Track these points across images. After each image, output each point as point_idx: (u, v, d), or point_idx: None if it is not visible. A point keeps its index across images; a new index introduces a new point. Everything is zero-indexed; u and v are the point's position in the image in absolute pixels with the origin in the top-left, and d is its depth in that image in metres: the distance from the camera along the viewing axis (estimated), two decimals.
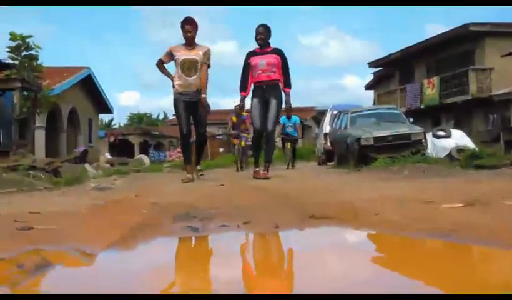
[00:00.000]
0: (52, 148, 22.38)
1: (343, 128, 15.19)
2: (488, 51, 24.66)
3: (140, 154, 34.57)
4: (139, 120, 57.41)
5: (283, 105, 8.15)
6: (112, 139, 35.40)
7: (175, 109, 7.46)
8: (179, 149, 35.69)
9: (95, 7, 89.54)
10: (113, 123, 60.02)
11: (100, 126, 38.92)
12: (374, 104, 34.89)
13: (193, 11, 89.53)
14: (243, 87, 7.83)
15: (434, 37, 27.21)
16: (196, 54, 7.26)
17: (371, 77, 37.59)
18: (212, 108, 7.94)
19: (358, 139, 13.28)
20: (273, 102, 7.59)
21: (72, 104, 25.05)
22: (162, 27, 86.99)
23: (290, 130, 16.20)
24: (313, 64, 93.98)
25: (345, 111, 16.01)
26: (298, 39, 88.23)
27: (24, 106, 14.38)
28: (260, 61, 7.58)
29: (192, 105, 7.32)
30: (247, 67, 7.72)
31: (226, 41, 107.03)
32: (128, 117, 61.50)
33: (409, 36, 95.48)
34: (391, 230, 2.33)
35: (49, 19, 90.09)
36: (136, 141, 37.12)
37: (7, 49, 15.91)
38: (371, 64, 34.10)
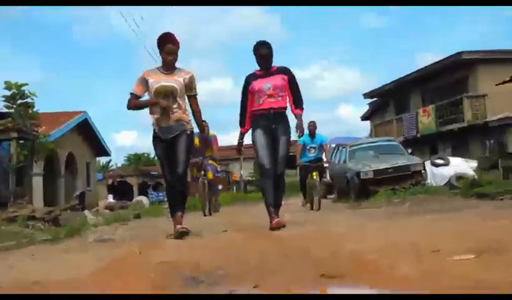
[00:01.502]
0: (50, 194, 22.27)
1: (342, 162, 15.21)
2: (481, 78, 24.86)
3: (139, 194, 34.50)
4: (137, 160, 57.31)
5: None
6: (110, 181, 35.35)
7: (155, 152, 6.16)
8: None
9: (92, 47, 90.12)
10: (110, 164, 59.90)
11: (98, 168, 38.83)
12: (371, 134, 35.04)
13: (195, 49, 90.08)
14: (243, 122, 6.49)
15: (428, 66, 27.48)
16: (175, 81, 5.74)
17: (367, 107, 37.86)
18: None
19: (358, 173, 13.32)
20: (283, 140, 6.28)
21: (69, 148, 25.03)
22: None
23: (312, 154, 11.83)
24: (307, 97, 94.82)
25: (343, 145, 16.07)
26: (295, 73, 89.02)
27: (20, 155, 14.35)
28: (265, 84, 6.23)
29: (171, 142, 5.79)
30: (247, 95, 6.37)
31: (220, 78, 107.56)
32: (125, 158, 61.42)
33: (400, 63, 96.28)
34: (408, 289, 2.26)
35: (45, 62, 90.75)
36: (135, 182, 37.08)
37: (2, 98, 15.97)
38: (366, 95, 34.31)
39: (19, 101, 16.08)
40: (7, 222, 10.50)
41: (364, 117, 39.97)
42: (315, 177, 11.42)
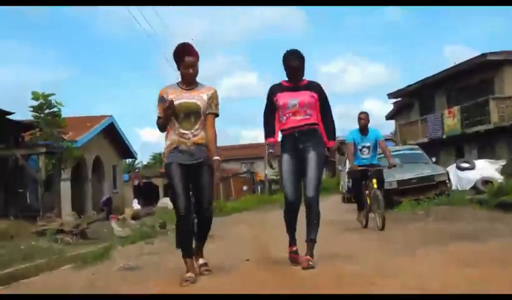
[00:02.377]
0: (78, 198, 22.68)
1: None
2: (507, 79, 24.57)
3: (164, 196, 34.84)
4: (162, 160, 57.91)
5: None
6: (136, 182, 35.71)
7: (167, 176, 5.15)
8: None
9: (114, 47, 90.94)
10: (136, 163, 60.50)
11: (124, 167, 39.28)
12: (395, 134, 34.87)
13: (212, 42, 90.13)
14: (270, 131, 5.61)
15: (453, 67, 27.24)
16: (198, 98, 5.14)
17: (392, 104, 37.65)
18: (233, 142, 5.57)
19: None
20: (312, 156, 5.38)
21: (96, 152, 25.40)
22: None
23: (366, 156, 9.44)
24: (333, 91, 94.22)
25: None
26: (318, 67, 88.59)
27: (48, 165, 14.72)
28: (290, 100, 5.43)
29: (191, 169, 5.07)
30: (271, 107, 5.58)
31: (245, 73, 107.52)
32: (151, 156, 61.95)
33: (428, 57, 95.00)
34: None
35: (68, 61, 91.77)
36: (160, 183, 37.34)
37: (30, 108, 16.37)
38: (391, 95, 34.10)
39: (46, 110, 16.48)
40: (37, 236, 10.83)
41: (389, 117, 39.77)
42: (375, 187, 8.85)
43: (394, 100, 35.80)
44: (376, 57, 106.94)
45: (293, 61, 5.45)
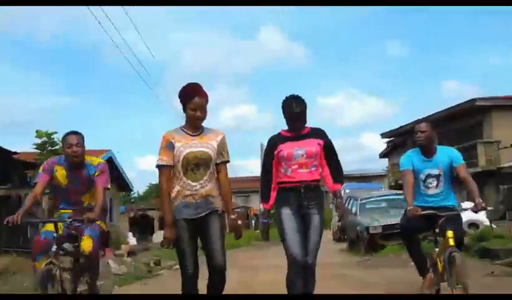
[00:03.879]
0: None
1: (353, 213, 15.85)
2: (495, 124, 25.47)
3: (159, 228, 35.38)
4: (158, 191, 58.44)
5: (333, 210, 5.72)
6: (131, 214, 36.28)
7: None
8: None
9: (116, 72, 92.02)
10: (132, 192, 61.01)
11: (120, 197, 39.78)
12: (388, 173, 35.64)
13: (215, 74, 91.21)
14: (266, 195, 5.13)
15: (444, 110, 28.13)
16: (207, 145, 4.66)
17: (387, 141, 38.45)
18: (228, 175, 4.85)
19: (367, 228, 13.94)
20: (316, 220, 5.01)
21: None
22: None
23: (435, 192, 5.90)
24: (332, 124, 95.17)
25: (355, 197, 16.71)
26: (317, 100, 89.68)
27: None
28: (295, 151, 4.99)
29: (198, 221, 4.61)
30: (271, 161, 5.10)
31: (244, 104, 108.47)
32: (147, 187, 62.46)
33: (426, 91, 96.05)
34: None
35: (69, 89, 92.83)
36: (155, 215, 37.92)
37: (34, 146, 17.06)
38: (384, 135, 35.01)
39: (49, 148, 17.16)
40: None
41: (383, 155, 40.60)
42: (451, 244, 5.31)
43: (388, 139, 36.68)
44: (376, 92, 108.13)
45: (295, 107, 4.99)
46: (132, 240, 23.48)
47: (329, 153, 5.13)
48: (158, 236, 30.47)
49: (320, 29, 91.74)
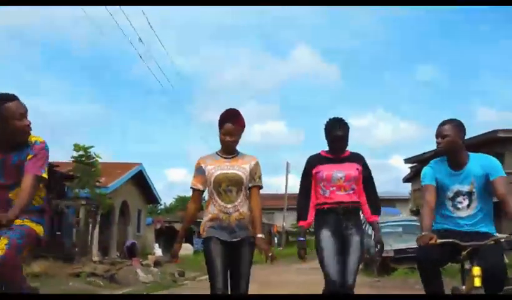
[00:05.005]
0: (103, 239, 24.30)
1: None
2: None
3: (184, 241, 36.44)
4: (184, 203, 59.64)
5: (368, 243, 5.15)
6: (158, 226, 37.24)
7: (205, 252, 4.75)
8: None
9: (147, 88, 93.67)
10: (159, 204, 62.26)
11: (147, 210, 41.03)
12: (410, 198, 36.17)
13: (241, 94, 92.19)
14: (303, 213, 5.13)
15: (466, 139, 28.53)
16: (239, 168, 4.78)
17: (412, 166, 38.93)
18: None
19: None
20: (355, 241, 4.98)
21: (124, 197, 27.13)
22: (211, 108, 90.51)
23: (466, 214, 4.50)
24: (362, 144, 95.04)
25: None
26: (348, 120, 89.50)
27: (87, 217, 16.75)
28: (335, 173, 5.01)
29: (231, 247, 4.71)
30: (310, 180, 5.14)
31: (273, 120, 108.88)
32: (175, 198, 63.61)
33: (458, 116, 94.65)
34: None
35: (98, 99, 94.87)
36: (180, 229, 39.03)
37: (72, 158, 18.35)
38: (407, 161, 35.49)
39: (86, 161, 18.41)
40: (72, 277, 12.48)
41: (406, 179, 41.05)
42: (476, 284, 4.02)
43: (411, 165, 37.18)
44: (407, 115, 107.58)
45: (339, 130, 5.01)
46: (158, 251, 24.50)
47: (367, 179, 5.16)
48: (183, 248, 31.53)
49: (352, 49, 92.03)
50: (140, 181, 29.34)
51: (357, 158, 5.18)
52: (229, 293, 4.65)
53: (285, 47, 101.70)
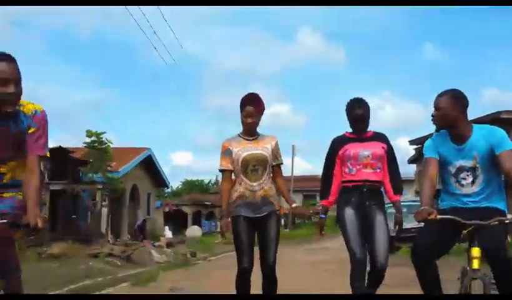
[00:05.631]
0: (115, 222, 24.93)
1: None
2: None
3: (193, 224, 37.21)
4: (191, 187, 60.30)
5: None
6: (167, 209, 37.97)
7: (233, 229, 5.01)
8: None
9: (154, 72, 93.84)
10: (166, 188, 62.88)
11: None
12: (415, 179, 36.54)
13: (255, 77, 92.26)
14: (325, 192, 5.19)
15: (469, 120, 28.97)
16: (264, 149, 5.06)
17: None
18: None
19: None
20: (379, 217, 4.93)
21: (134, 181, 27.74)
22: (218, 92, 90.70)
23: (471, 191, 4.13)
24: (370, 127, 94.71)
25: None
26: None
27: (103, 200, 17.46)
28: (362, 151, 5.01)
29: (258, 221, 4.98)
30: (334, 160, 5.15)
31: (278, 104, 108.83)
32: (181, 183, 64.26)
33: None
34: None
35: (107, 84, 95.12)
36: (189, 211, 39.67)
37: (84, 144, 18.93)
38: (412, 142, 35.63)
39: (98, 147, 18.99)
40: (91, 257, 13.09)
41: (411, 161, 41.46)
42: (475, 266, 3.72)
43: (416, 146, 37.58)
44: (412, 96, 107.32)
45: (358, 109, 5.05)
46: (168, 233, 25.16)
47: (390, 160, 5.14)
48: (190, 231, 32.29)
49: (356, 31, 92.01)
50: (149, 165, 29.95)
51: (381, 137, 5.19)
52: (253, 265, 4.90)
53: (290, 31, 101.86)
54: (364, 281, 4.88)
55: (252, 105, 5.03)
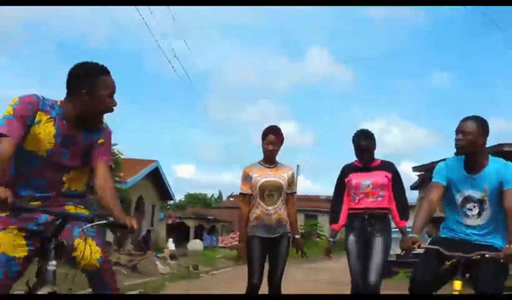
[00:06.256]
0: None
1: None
2: None
3: (195, 237, 37.62)
4: (195, 201, 60.79)
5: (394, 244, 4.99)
6: (170, 221, 38.36)
7: (248, 248, 5.44)
8: (232, 235, 38.44)
9: (161, 82, 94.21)
10: (170, 200, 63.33)
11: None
12: (416, 205, 36.97)
13: (255, 91, 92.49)
14: (335, 217, 5.61)
15: None
16: (280, 177, 5.53)
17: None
18: None
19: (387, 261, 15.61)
20: (378, 241, 5.30)
21: (140, 192, 28.23)
22: (225, 106, 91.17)
23: (475, 223, 4.08)
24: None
25: None
26: (359, 124, 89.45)
27: None
28: (363, 181, 5.42)
29: (270, 244, 5.46)
30: (342, 188, 5.58)
31: (285, 122, 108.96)
32: (184, 197, 64.64)
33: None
34: None
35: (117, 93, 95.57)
36: (192, 225, 40.09)
37: None
38: (415, 169, 36.00)
39: None
40: None
41: (413, 187, 41.81)
42: (457, 288, 3.74)
43: (419, 173, 37.98)
44: (419, 121, 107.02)
45: (364, 141, 5.41)
46: (172, 246, 25.56)
47: (397, 187, 5.45)
48: (192, 244, 32.70)
49: (366, 54, 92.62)
50: (156, 178, 30.45)
51: (387, 166, 5.53)
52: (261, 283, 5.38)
53: (299, 49, 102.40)
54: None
55: (274, 135, 5.53)
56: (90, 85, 3.17)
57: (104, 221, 3.01)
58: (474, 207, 4.05)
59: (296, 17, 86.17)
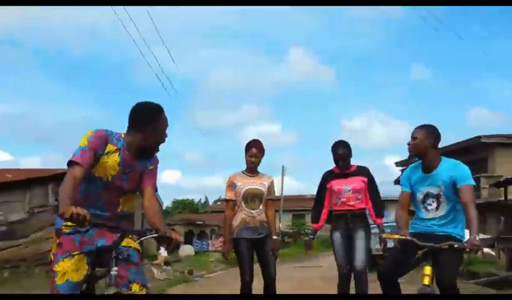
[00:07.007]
0: None
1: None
2: (498, 160, 27.58)
3: (185, 243, 37.94)
4: (183, 206, 61.01)
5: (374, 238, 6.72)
6: None
7: (235, 248, 6.05)
8: (221, 239, 38.45)
9: (145, 91, 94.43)
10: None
11: None
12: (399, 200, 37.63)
13: (243, 91, 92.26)
14: (316, 217, 6.44)
15: (452, 144, 30.10)
16: (261, 184, 6.21)
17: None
18: None
19: (370, 249, 16.16)
20: (360, 234, 6.12)
21: None
22: (211, 111, 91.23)
23: (434, 216, 4.76)
24: (356, 146, 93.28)
25: None
26: (342, 123, 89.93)
27: None
28: (344, 187, 6.20)
29: (257, 242, 6.09)
30: (323, 192, 6.37)
31: (269, 123, 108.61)
32: (171, 203, 64.89)
33: (451, 117, 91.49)
34: None
35: (103, 102, 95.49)
36: (181, 231, 40.38)
37: None
38: (398, 164, 37.07)
39: None
40: None
41: (397, 182, 42.58)
42: (425, 281, 4.26)
43: (402, 168, 38.72)
44: (401, 116, 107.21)
45: (339, 150, 6.17)
46: (164, 253, 25.89)
47: (371, 189, 6.28)
48: (183, 250, 33.02)
49: (347, 52, 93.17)
50: None
51: (363, 171, 6.32)
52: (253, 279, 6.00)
53: (280, 49, 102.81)
54: (349, 291, 6.17)
55: (256, 148, 6.19)
56: (154, 122, 3.67)
57: (155, 235, 3.42)
58: (433, 202, 4.77)
59: (274, 17, 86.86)
